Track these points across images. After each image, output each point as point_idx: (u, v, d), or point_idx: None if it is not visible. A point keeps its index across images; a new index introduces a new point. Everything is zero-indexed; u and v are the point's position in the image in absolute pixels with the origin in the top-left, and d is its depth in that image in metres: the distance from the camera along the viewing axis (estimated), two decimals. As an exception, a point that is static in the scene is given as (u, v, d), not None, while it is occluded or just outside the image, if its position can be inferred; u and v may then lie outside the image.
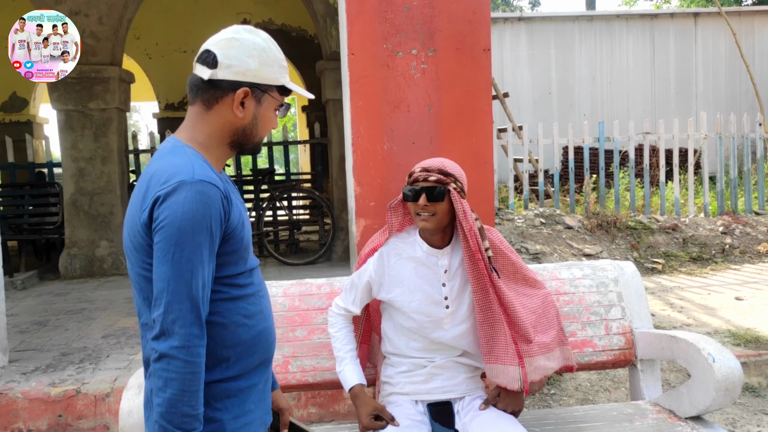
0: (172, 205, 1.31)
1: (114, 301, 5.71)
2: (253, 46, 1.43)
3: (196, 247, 1.31)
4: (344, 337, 2.19)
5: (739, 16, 14.78)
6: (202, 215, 1.32)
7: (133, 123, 32.75)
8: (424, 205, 2.03)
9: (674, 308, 5.20)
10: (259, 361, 1.50)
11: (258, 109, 1.46)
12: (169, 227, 1.30)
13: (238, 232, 1.43)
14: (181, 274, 1.30)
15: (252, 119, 1.46)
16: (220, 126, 1.45)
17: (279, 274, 6.56)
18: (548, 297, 2.21)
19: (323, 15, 7.10)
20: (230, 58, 1.41)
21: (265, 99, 1.47)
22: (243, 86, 1.42)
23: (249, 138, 1.48)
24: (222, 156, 1.49)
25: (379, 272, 2.14)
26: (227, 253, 1.41)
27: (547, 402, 3.61)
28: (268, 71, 1.45)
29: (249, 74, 1.42)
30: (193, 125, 1.47)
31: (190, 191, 1.31)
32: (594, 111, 14.27)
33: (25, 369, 3.71)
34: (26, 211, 7.89)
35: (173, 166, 1.36)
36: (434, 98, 3.15)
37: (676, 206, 8.20)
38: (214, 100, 1.44)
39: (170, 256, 1.30)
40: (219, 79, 1.42)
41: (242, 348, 1.46)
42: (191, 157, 1.39)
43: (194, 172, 1.34)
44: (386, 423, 2.01)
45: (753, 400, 3.69)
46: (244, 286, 1.47)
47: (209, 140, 1.46)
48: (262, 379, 1.53)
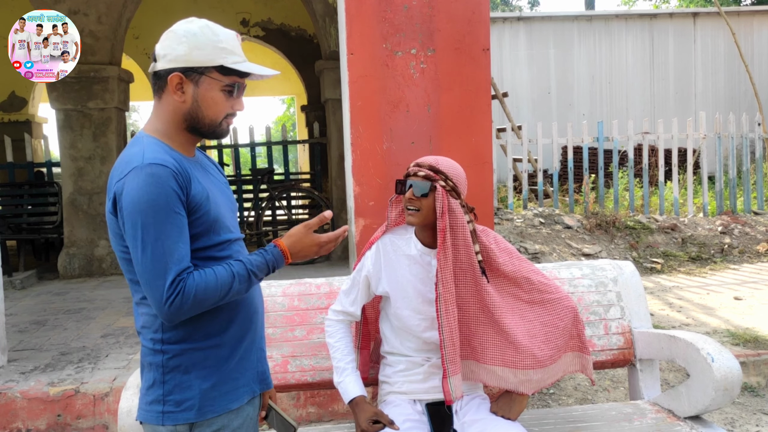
0: (129, 192, 1.41)
1: (113, 300, 5.70)
2: (183, 33, 1.52)
3: (159, 225, 1.40)
4: (344, 347, 2.14)
5: (738, 15, 14.80)
6: (157, 195, 1.40)
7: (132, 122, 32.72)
8: (409, 198, 2.03)
9: (673, 308, 5.20)
10: (239, 331, 1.58)
11: (196, 91, 1.52)
12: (131, 213, 1.41)
13: (203, 207, 1.50)
14: (154, 253, 1.40)
15: (193, 102, 1.53)
16: (170, 113, 1.54)
17: (278, 273, 6.54)
18: (562, 302, 2.10)
19: (322, 14, 7.10)
20: (164, 49, 1.52)
21: (203, 81, 1.52)
22: (175, 72, 1.51)
23: (198, 120, 1.55)
24: (186, 141, 1.58)
25: (376, 266, 2.13)
26: (195, 226, 1.50)
27: (546, 401, 3.61)
28: (198, 54, 1.51)
29: (180, 60, 1.51)
30: (153, 116, 1.58)
31: (141, 175, 1.41)
32: (593, 111, 14.28)
33: (24, 368, 3.71)
34: (25, 211, 7.89)
35: (128, 156, 1.48)
36: (433, 98, 3.15)
37: (675, 206, 8.20)
38: (161, 90, 1.54)
39: (139, 239, 1.41)
40: (158, 69, 1.53)
41: (219, 317, 1.54)
42: (145, 144, 1.50)
43: (144, 157, 1.44)
44: (384, 426, 1.99)
45: (752, 399, 3.69)
46: (219, 259, 1.54)
47: (167, 128, 1.55)
48: (246, 347, 1.60)
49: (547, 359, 2.03)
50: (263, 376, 1.68)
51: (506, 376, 2.02)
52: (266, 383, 1.69)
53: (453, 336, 1.99)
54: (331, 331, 2.18)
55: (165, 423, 1.50)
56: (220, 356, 1.54)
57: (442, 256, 1.99)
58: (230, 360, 1.56)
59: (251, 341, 1.63)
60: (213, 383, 1.53)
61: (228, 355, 1.56)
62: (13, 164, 8.02)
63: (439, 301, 1.98)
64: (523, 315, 2.08)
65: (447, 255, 1.99)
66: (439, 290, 1.98)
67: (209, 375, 1.52)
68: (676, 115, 11.80)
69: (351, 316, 2.19)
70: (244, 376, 1.60)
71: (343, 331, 2.18)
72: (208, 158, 1.74)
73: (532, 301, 2.11)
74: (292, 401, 3.42)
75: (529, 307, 2.10)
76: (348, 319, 2.20)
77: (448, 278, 1.99)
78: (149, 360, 1.53)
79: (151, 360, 1.53)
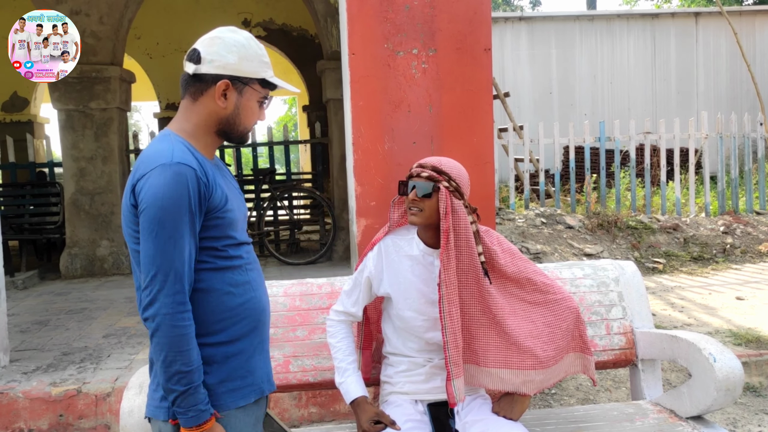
0: (153, 187, 1.45)
1: (115, 300, 5.71)
2: (233, 43, 1.57)
3: (176, 223, 1.44)
4: (346, 348, 2.14)
5: (740, 15, 14.78)
6: (180, 194, 1.45)
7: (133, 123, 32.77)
8: (413, 199, 2.03)
9: (675, 308, 5.20)
10: (247, 328, 1.60)
11: (239, 100, 1.59)
12: (151, 207, 1.44)
13: (221, 209, 1.54)
14: (164, 250, 1.44)
15: (234, 109, 1.59)
16: (206, 116, 1.59)
17: (280, 273, 6.56)
18: (564, 303, 2.09)
19: (324, 15, 7.10)
20: (212, 54, 1.55)
21: (246, 91, 1.60)
22: (224, 78, 1.55)
23: (233, 127, 1.61)
24: (210, 143, 1.62)
25: (378, 267, 2.13)
26: (211, 227, 1.53)
27: (548, 402, 3.61)
28: (247, 65, 1.58)
29: (229, 68, 1.56)
30: (182, 116, 1.61)
31: (168, 172, 1.45)
32: (595, 110, 14.27)
33: (26, 369, 3.71)
34: (27, 211, 7.90)
35: (156, 151, 1.50)
36: (435, 98, 3.14)
37: (677, 206, 8.19)
38: (200, 93, 1.57)
39: (154, 234, 1.44)
40: (202, 73, 1.56)
41: (228, 315, 1.56)
42: (174, 142, 1.53)
43: (173, 156, 1.48)
44: (385, 426, 1.98)
45: (754, 399, 3.69)
46: (231, 258, 1.58)
47: (196, 129, 1.59)
48: (253, 346, 1.62)
49: (549, 360, 2.02)
50: (269, 377, 1.69)
51: (508, 378, 2.02)
52: (272, 384, 1.70)
53: (456, 337, 1.98)
54: (333, 332, 2.18)
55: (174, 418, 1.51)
56: (228, 353, 1.56)
57: (445, 257, 1.98)
58: (239, 357, 1.58)
59: (260, 340, 1.64)
60: (220, 379, 1.54)
61: (236, 352, 1.57)
62: (15, 164, 8.03)
63: (443, 302, 1.97)
64: (526, 316, 2.08)
65: (450, 256, 1.99)
66: (442, 291, 1.98)
67: (216, 371, 1.54)
68: (678, 114, 11.77)
69: (352, 317, 2.19)
70: (253, 375, 1.61)
71: (345, 331, 2.18)
72: (222, 162, 1.77)
73: (534, 302, 2.10)
74: (294, 401, 3.42)
75: (531, 308, 2.09)
76: (349, 320, 2.20)
77: (451, 279, 1.99)
78: None
79: None
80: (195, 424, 1.47)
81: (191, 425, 1.47)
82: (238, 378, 1.57)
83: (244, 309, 1.59)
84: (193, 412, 1.46)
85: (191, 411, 1.46)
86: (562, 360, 2.09)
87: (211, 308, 1.53)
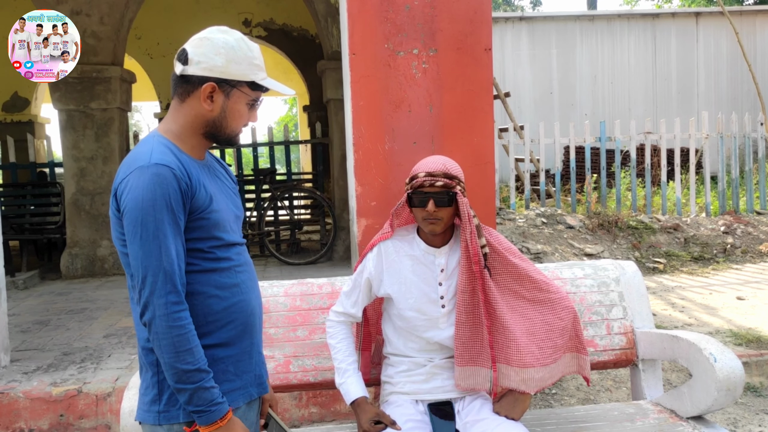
0: (132, 189, 1.45)
1: (115, 300, 5.71)
2: (222, 44, 1.54)
3: (158, 224, 1.43)
4: (346, 348, 2.14)
5: (740, 15, 14.77)
6: (158, 195, 1.44)
7: (134, 123, 32.76)
8: (433, 211, 2.01)
9: (676, 308, 5.19)
10: (234, 332, 1.58)
11: (226, 103, 1.57)
12: (131, 210, 1.44)
13: (205, 209, 1.53)
14: (150, 251, 1.43)
15: (221, 112, 1.57)
16: (192, 117, 1.57)
17: (280, 273, 6.57)
18: (561, 302, 2.09)
19: (324, 15, 7.10)
20: (199, 55, 1.53)
21: (234, 94, 1.57)
22: (210, 81, 1.53)
23: (220, 129, 1.59)
24: (197, 145, 1.61)
25: (378, 268, 2.13)
26: (196, 227, 1.52)
27: (548, 402, 3.60)
28: (235, 68, 1.55)
29: (216, 70, 1.53)
30: (170, 117, 1.60)
31: (145, 174, 1.44)
32: (595, 110, 14.26)
33: (26, 369, 3.72)
34: (28, 211, 7.90)
35: (135, 155, 1.51)
36: (435, 98, 3.14)
37: (678, 206, 8.19)
38: (187, 94, 1.56)
39: (138, 236, 1.44)
40: (189, 74, 1.54)
41: (213, 318, 1.55)
42: (154, 144, 1.52)
43: (151, 157, 1.47)
44: (386, 426, 1.98)
45: (754, 399, 3.69)
46: (218, 260, 1.56)
47: (182, 130, 1.58)
48: (243, 350, 1.60)
49: (547, 358, 2.03)
50: (260, 380, 1.68)
51: (507, 374, 2.02)
52: (263, 387, 1.69)
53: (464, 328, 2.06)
54: (333, 332, 2.18)
55: (161, 423, 1.51)
56: (215, 356, 1.54)
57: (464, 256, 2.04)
58: (226, 361, 1.56)
59: (249, 344, 1.63)
60: None
61: (223, 356, 1.56)
62: (16, 165, 8.03)
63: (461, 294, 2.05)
64: (524, 313, 2.08)
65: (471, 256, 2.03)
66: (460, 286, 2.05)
67: None
68: (678, 114, 11.75)
69: (352, 318, 2.19)
70: (241, 379, 1.60)
71: (345, 332, 2.18)
72: (221, 163, 1.75)
73: (533, 300, 2.10)
74: (294, 401, 3.42)
75: (530, 305, 2.10)
76: (349, 321, 2.20)
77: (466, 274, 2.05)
78: (145, 360, 1.54)
79: (148, 360, 1.53)
80: (213, 420, 1.46)
81: (209, 422, 1.45)
82: (225, 381, 1.55)
83: (231, 312, 1.57)
84: (208, 409, 1.45)
85: (206, 408, 1.45)
86: (560, 359, 2.09)
87: (196, 311, 1.51)
